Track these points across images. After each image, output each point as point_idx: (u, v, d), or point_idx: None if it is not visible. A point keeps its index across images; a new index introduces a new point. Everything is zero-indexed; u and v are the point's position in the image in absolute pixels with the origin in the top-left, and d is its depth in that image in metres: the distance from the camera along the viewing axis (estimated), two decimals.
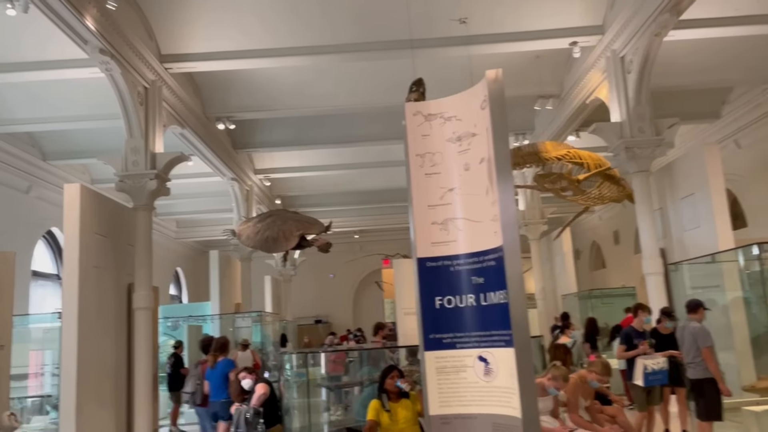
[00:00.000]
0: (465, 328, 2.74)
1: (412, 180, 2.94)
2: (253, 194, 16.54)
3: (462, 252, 2.79)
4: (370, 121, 13.98)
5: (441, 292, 2.79)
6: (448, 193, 2.85)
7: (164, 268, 22.72)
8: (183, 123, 11.30)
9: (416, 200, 2.90)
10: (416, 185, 2.92)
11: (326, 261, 25.64)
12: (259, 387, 5.87)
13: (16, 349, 9.88)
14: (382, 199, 20.79)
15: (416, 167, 2.95)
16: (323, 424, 6.82)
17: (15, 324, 9.81)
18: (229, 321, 14.90)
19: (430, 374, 2.76)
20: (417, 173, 2.94)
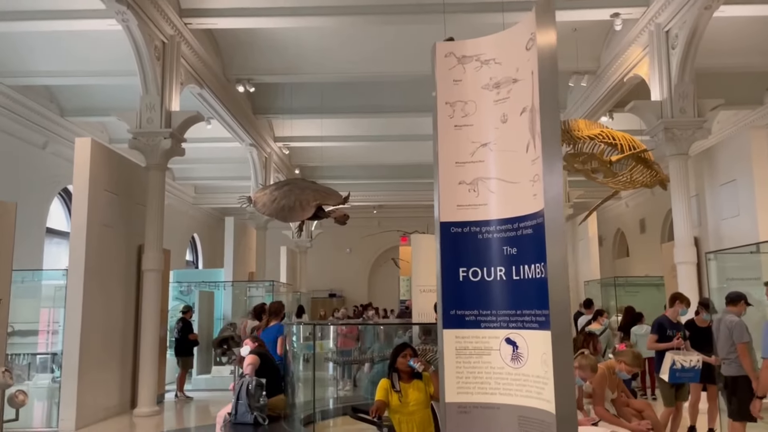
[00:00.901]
0: (492, 305, 2.35)
1: (440, 132, 2.53)
2: (271, 162, 16.21)
3: (493, 217, 2.38)
4: (395, 91, 13.51)
5: (466, 262, 2.40)
6: (481, 148, 2.44)
7: (181, 233, 22.60)
8: (201, 82, 10.94)
9: (443, 156, 2.50)
10: (444, 138, 2.52)
11: (343, 235, 25.38)
12: (248, 358, 5.57)
13: (26, 305, 9.76)
14: (403, 174, 20.37)
15: (444, 117, 2.54)
16: (328, 399, 6.51)
17: (26, 279, 9.68)
18: (241, 289, 14.67)
19: (448, 355, 2.38)
20: (445, 124, 2.53)
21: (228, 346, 12.46)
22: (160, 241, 9.30)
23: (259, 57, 11.64)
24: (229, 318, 13.74)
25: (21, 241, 13.24)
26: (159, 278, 9.26)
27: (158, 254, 9.24)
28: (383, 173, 20.36)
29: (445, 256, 2.43)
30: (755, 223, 8.01)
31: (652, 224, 21.19)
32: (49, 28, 9.86)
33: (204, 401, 10.56)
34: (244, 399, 5.16)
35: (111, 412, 8.82)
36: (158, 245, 9.25)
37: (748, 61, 11.03)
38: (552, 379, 2.07)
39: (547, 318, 2.11)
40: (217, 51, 11.42)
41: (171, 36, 9.51)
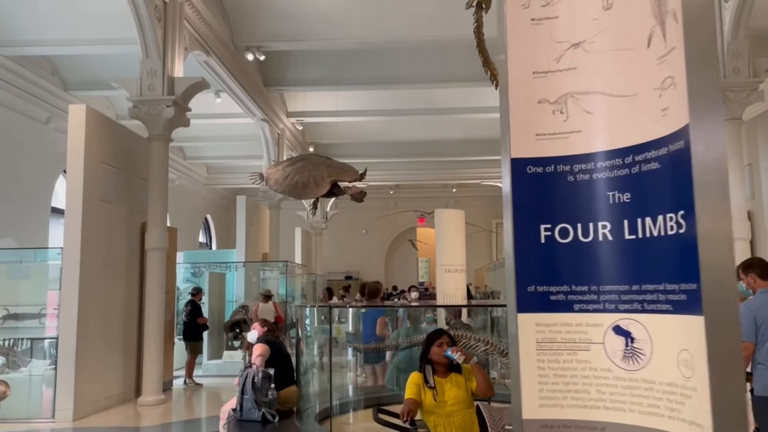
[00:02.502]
0: (591, 277, 1.60)
1: (509, 31, 1.77)
2: (284, 138, 15.48)
3: (594, 149, 1.63)
4: (414, 59, 12.70)
5: (550, 216, 1.65)
6: (572, 50, 1.68)
7: (194, 214, 22.03)
8: (208, 49, 10.20)
9: (514, 65, 1.73)
10: (515, 40, 1.75)
11: (359, 216, 24.70)
12: (257, 347, 4.87)
13: (25, 286, 9.18)
14: (421, 152, 19.58)
15: (516, 9, 1.76)
16: (347, 389, 5.82)
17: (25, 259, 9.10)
18: (254, 270, 14.03)
19: (525, 351, 1.64)
20: (517, 19, 1.76)
21: (240, 330, 11.84)
22: (163, 218, 8.63)
23: (269, 22, 10.85)
24: (241, 300, 13.12)
25: (25, 221, 12.71)
26: (163, 258, 8.60)
27: (162, 232, 8.58)
28: (400, 151, 19.57)
29: (520, 208, 1.68)
30: None
31: None
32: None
33: (215, 388, 9.96)
34: (250, 393, 4.47)
35: (113, 401, 8.22)
36: (162, 222, 8.59)
37: None
38: (701, 389, 1.32)
39: (692, 296, 1.36)
40: (224, 15, 10.65)
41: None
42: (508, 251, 1.68)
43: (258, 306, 10.99)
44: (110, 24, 10.37)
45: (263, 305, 10.87)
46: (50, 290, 10.41)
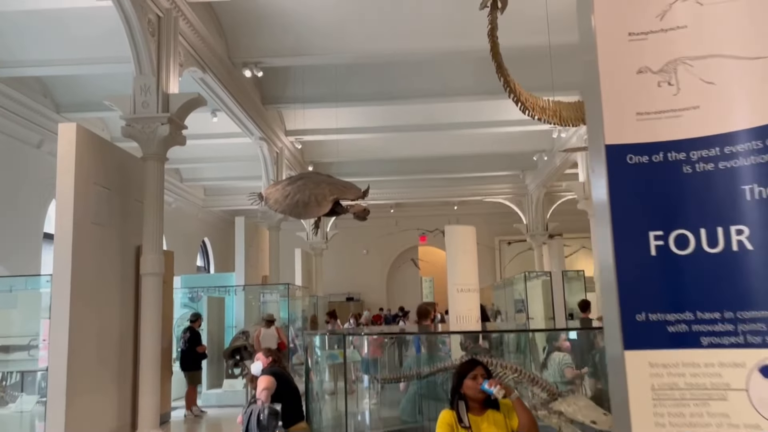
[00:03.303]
0: (727, 300, 1.20)
1: None
2: (283, 157, 15.11)
3: (720, 130, 1.23)
4: (415, 73, 12.39)
5: (663, 220, 1.25)
6: (680, 3, 1.29)
7: (192, 237, 21.63)
8: (204, 66, 9.85)
9: (603, 23, 1.34)
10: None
11: (359, 236, 24.29)
12: (262, 380, 4.42)
13: (19, 315, 8.74)
14: (422, 169, 19.24)
15: None
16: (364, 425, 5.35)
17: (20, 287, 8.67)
18: (254, 294, 13.57)
19: (636, 402, 1.23)
20: None
21: (240, 357, 11.35)
22: (159, 242, 8.20)
23: (267, 37, 10.54)
24: (241, 326, 12.64)
25: (16, 248, 12.28)
26: (159, 283, 8.15)
27: (158, 256, 8.14)
28: (401, 168, 19.23)
29: (620, 210, 1.28)
30: None
31: None
32: (34, 6, 8.84)
33: (215, 419, 9.48)
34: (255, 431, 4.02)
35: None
36: (157, 246, 8.15)
37: None
38: None
39: None
40: (219, 30, 10.33)
41: (167, 10, 8.44)
42: (605, 267, 1.27)
43: (260, 331, 10.53)
44: (104, 43, 10.07)
45: (265, 331, 10.41)
46: (43, 319, 9.94)
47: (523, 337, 5.48)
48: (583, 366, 5.16)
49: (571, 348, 4.83)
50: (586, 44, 1.34)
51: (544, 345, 4.93)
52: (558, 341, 4.88)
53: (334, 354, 6.04)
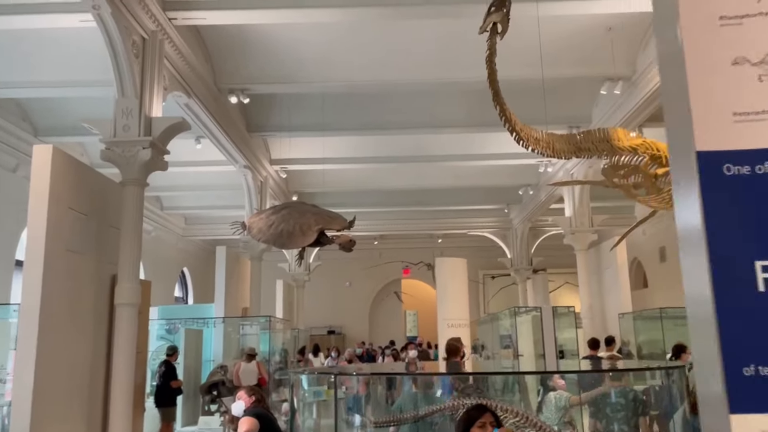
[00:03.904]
0: None
1: None
2: (267, 186, 14.83)
3: None
4: (404, 104, 12.28)
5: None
6: None
7: (171, 267, 21.11)
8: (189, 90, 9.61)
9: (688, 6, 1.10)
10: None
11: (342, 268, 23.92)
12: (244, 422, 4.06)
13: None
14: (407, 201, 19.07)
15: None
16: None
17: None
18: (233, 326, 13.12)
19: None
20: None
21: (218, 393, 10.86)
22: (136, 270, 7.82)
23: (253, 63, 10.35)
24: (219, 360, 12.16)
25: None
26: (134, 314, 7.74)
27: (134, 285, 7.75)
28: (386, 200, 19.03)
29: (717, 233, 1.02)
30: None
31: (674, 253, 19.82)
32: (12, 26, 8.56)
33: None
34: None
35: None
36: (134, 275, 7.77)
37: None
38: None
39: None
40: (206, 56, 10.13)
41: (152, 32, 8.21)
42: (699, 308, 1.01)
43: (240, 366, 10.10)
44: (85, 65, 9.82)
45: (245, 365, 9.99)
46: (11, 351, 9.43)
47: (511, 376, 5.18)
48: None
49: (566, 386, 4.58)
50: (667, 30, 1.10)
51: (538, 387, 4.66)
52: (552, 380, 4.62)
53: (318, 391, 5.67)
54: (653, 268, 20.82)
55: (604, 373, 4.19)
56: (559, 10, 8.68)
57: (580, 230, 14.09)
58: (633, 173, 8.73)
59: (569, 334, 10.92)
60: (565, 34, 9.68)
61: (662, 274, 20.51)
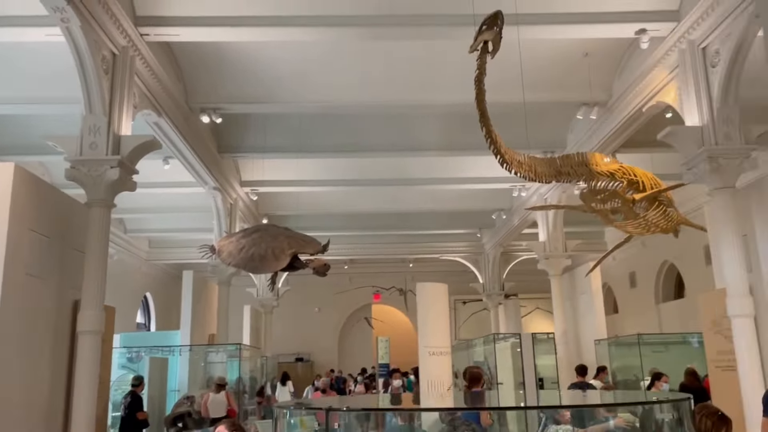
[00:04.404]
0: None
1: None
2: (237, 209, 14.47)
3: None
4: (381, 126, 12.14)
5: None
6: None
7: (133, 292, 20.43)
8: (159, 109, 9.30)
9: None
10: None
11: (311, 293, 23.48)
12: None
13: None
14: (379, 224, 18.86)
15: None
16: None
17: None
18: (200, 354, 12.63)
19: None
20: None
21: (184, 425, 10.38)
22: (101, 296, 7.41)
23: (227, 82, 10.10)
24: (185, 390, 11.65)
25: None
26: (97, 342, 7.32)
27: (98, 312, 7.33)
28: (357, 223, 18.79)
29: None
30: None
31: (644, 278, 20.00)
32: None
33: None
34: None
35: None
36: (98, 301, 7.36)
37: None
38: None
39: None
40: (178, 74, 9.84)
41: (123, 47, 7.91)
42: None
43: (208, 397, 9.66)
44: (48, 81, 9.45)
45: (214, 396, 9.56)
46: None
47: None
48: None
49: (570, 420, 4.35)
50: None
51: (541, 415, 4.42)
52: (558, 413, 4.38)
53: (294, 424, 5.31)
54: (623, 293, 20.95)
55: (620, 406, 3.95)
56: (538, 34, 8.68)
57: (555, 255, 14.07)
58: (611, 198, 8.70)
59: (548, 360, 10.77)
60: (542, 58, 9.67)
61: (632, 299, 20.64)
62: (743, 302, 7.44)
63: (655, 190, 8.23)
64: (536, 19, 8.24)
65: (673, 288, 19.37)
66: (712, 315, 8.71)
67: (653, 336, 11.35)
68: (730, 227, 7.64)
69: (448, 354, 7.15)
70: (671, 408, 3.16)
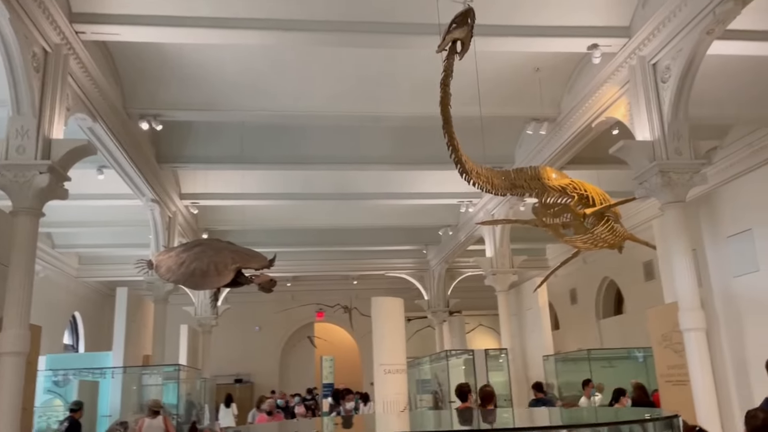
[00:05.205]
0: None
1: None
2: (176, 223, 13.80)
3: None
4: (330, 138, 11.83)
5: None
6: None
7: (60, 311, 19.17)
8: (94, 113, 8.70)
9: None
10: None
11: (252, 311, 22.73)
12: None
13: None
14: (323, 240, 18.47)
15: None
16: None
17: None
18: (135, 377, 11.86)
19: None
20: None
21: None
22: (26, 314, 6.75)
23: (169, 88, 9.59)
24: (117, 415, 10.89)
25: None
26: (21, 364, 6.64)
27: (23, 332, 6.66)
28: (301, 239, 18.31)
29: None
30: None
31: (585, 295, 20.31)
32: None
33: None
34: None
35: None
36: (23, 320, 6.69)
37: (702, 112, 10.17)
38: None
39: None
40: (116, 77, 9.26)
41: (56, 45, 7.34)
42: None
43: (143, 423, 8.99)
44: None
45: (149, 422, 8.90)
46: None
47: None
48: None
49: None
50: None
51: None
52: None
53: None
54: (564, 309, 21.21)
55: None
56: (491, 46, 8.57)
57: (502, 271, 14.03)
58: (563, 212, 8.68)
59: (499, 377, 10.62)
60: (492, 71, 9.60)
61: (573, 315, 20.92)
62: (695, 316, 7.47)
63: (605, 205, 8.25)
64: (489, 30, 8.11)
65: (613, 304, 19.76)
66: (662, 329, 8.76)
67: (602, 351, 11.38)
68: (681, 241, 7.69)
69: (404, 372, 6.84)
70: (664, 426, 2.95)
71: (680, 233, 7.74)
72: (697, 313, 7.48)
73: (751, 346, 7.28)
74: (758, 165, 11.05)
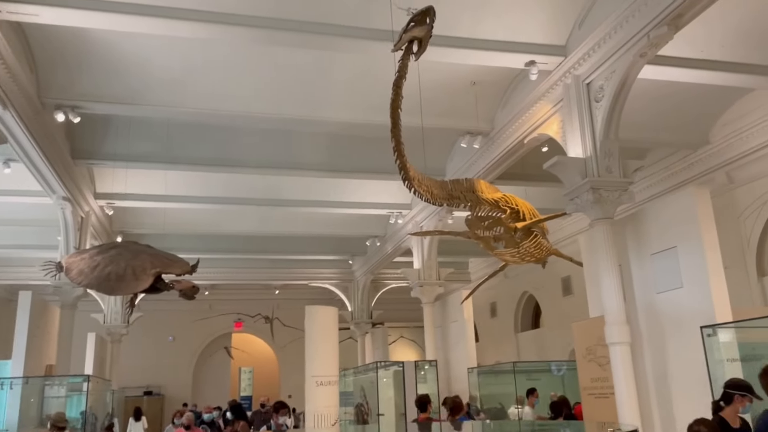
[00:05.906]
0: None
1: None
2: (89, 224, 12.94)
3: None
4: (261, 141, 11.46)
5: None
6: None
7: None
8: (5, 100, 8.00)
9: None
10: None
11: (165, 320, 21.72)
12: None
13: None
14: (244, 248, 17.94)
15: None
16: None
17: None
18: (36, 388, 10.95)
19: None
20: None
21: None
22: None
23: (90, 78, 8.96)
24: (14, 430, 9.99)
25: None
26: None
27: None
28: (221, 246, 17.68)
29: None
30: (708, 294, 6.98)
31: (504, 309, 20.72)
32: None
33: None
34: None
35: None
36: None
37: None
38: None
39: None
40: (31, 62, 8.54)
41: None
42: None
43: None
44: None
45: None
46: None
47: None
48: None
49: None
50: None
51: None
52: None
53: None
54: (484, 323, 21.53)
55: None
56: (429, 56, 8.51)
57: (429, 283, 14.03)
58: (495, 225, 8.74)
59: (428, 389, 10.52)
60: (431, 82, 9.57)
61: (493, 329, 21.28)
62: (621, 330, 7.63)
63: (535, 220, 8.37)
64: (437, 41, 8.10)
65: (531, 318, 20.25)
66: (586, 343, 8.93)
67: (528, 364, 11.56)
68: (609, 257, 7.86)
69: (336, 384, 6.59)
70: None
71: (608, 249, 7.91)
72: (622, 327, 7.64)
73: (673, 360, 7.50)
74: (675, 187, 11.62)
